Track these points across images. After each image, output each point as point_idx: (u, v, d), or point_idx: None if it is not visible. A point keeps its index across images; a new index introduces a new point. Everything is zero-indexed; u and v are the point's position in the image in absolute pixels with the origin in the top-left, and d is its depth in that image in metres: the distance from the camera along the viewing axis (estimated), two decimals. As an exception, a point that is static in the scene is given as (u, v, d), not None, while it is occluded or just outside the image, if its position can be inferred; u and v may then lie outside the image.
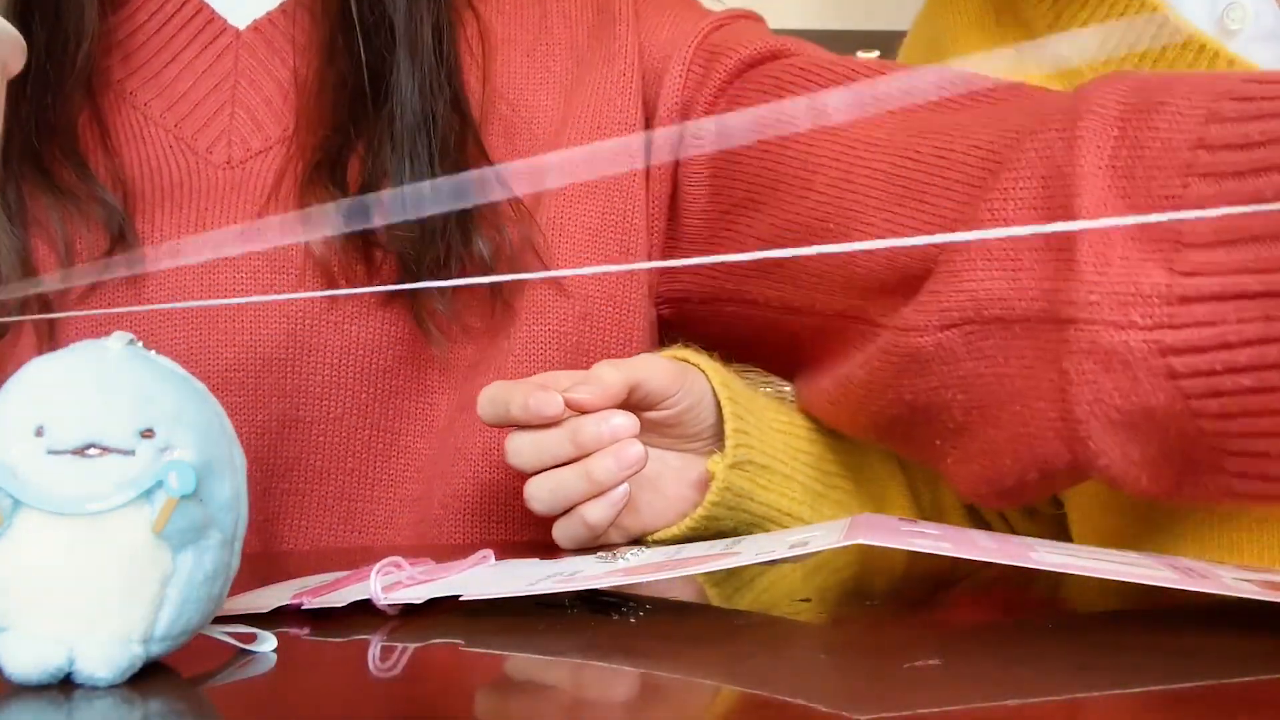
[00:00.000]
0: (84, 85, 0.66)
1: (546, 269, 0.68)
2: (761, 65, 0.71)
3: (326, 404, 0.65)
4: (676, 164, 0.72)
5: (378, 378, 0.66)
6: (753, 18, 0.76)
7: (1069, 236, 0.48)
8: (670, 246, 0.73)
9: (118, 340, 0.35)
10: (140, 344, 0.35)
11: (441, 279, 0.65)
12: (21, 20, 0.63)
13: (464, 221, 0.66)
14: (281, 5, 0.71)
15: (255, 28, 0.71)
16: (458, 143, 0.68)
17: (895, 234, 0.59)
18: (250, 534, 0.36)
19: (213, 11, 0.71)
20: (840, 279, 0.63)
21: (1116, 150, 0.48)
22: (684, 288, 0.73)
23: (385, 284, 0.65)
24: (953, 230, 0.55)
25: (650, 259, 0.72)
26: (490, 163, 0.69)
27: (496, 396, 0.60)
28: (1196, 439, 0.46)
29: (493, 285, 0.67)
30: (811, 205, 0.64)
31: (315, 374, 0.65)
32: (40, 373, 0.34)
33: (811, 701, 0.30)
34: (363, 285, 0.65)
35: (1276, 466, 0.45)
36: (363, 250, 0.65)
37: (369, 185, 0.65)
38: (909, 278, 0.57)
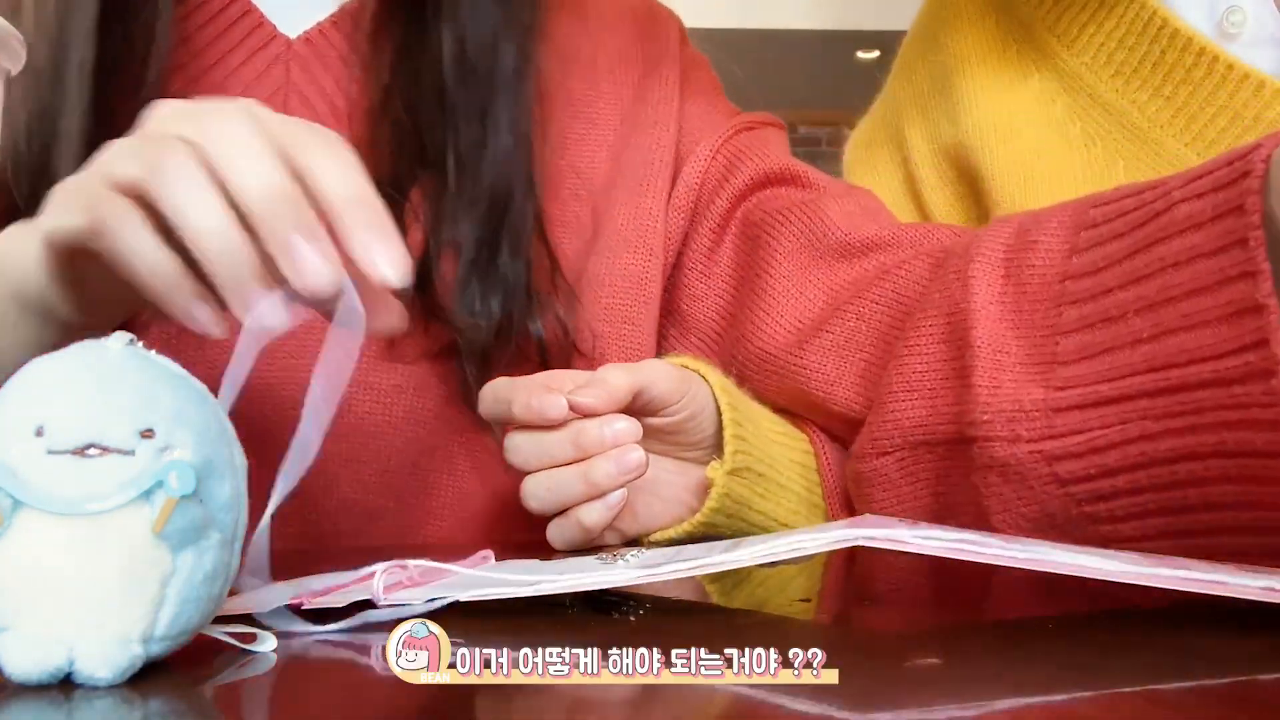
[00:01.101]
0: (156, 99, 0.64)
1: (585, 345, 0.69)
2: (775, 187, 0.75)
3: (377, 443, 0.65)
4: (685, 239, 0.76)
5: (424, 420, 0.66)
6: (776, 125, 0.81)
7: (967, 363, 0.54)
8: (682, 329, 0.76)
9: (118, 340, 0.35)
10: (140, 344, 0.35)
11: (494, 359, 0.64)
12: (98, 33, 0.61)
13: (526, 305, 0.66)
14: (332, 17, 0.69)
15: (306, 39, 0.69)
16: (527, 227, 0.67)
17: (850, 370, 0.66)
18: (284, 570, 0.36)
19: (262, 16, 0.68)
20: (815, 408, 0.69)
21: (1004, 288, 0.54)
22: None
23: (439, 349, 0.65)
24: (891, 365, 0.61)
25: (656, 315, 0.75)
26: (548, 244, 0.68)
27: (499, 394, 0.59)
28: (1102, 543, 0.48)
29: (541, 360, 0.67)
30: (774, 336, 0.70)
31: (369, 414, 0.65)
32: (40, 373, 0.34)
33: (812, 701, 0.30)
34: (418, 347, 0.64)
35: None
36: (423, 317, 0.64)
37: (430, 255, 0.64)
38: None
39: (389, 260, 0.40)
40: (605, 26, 0.77)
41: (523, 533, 0.64)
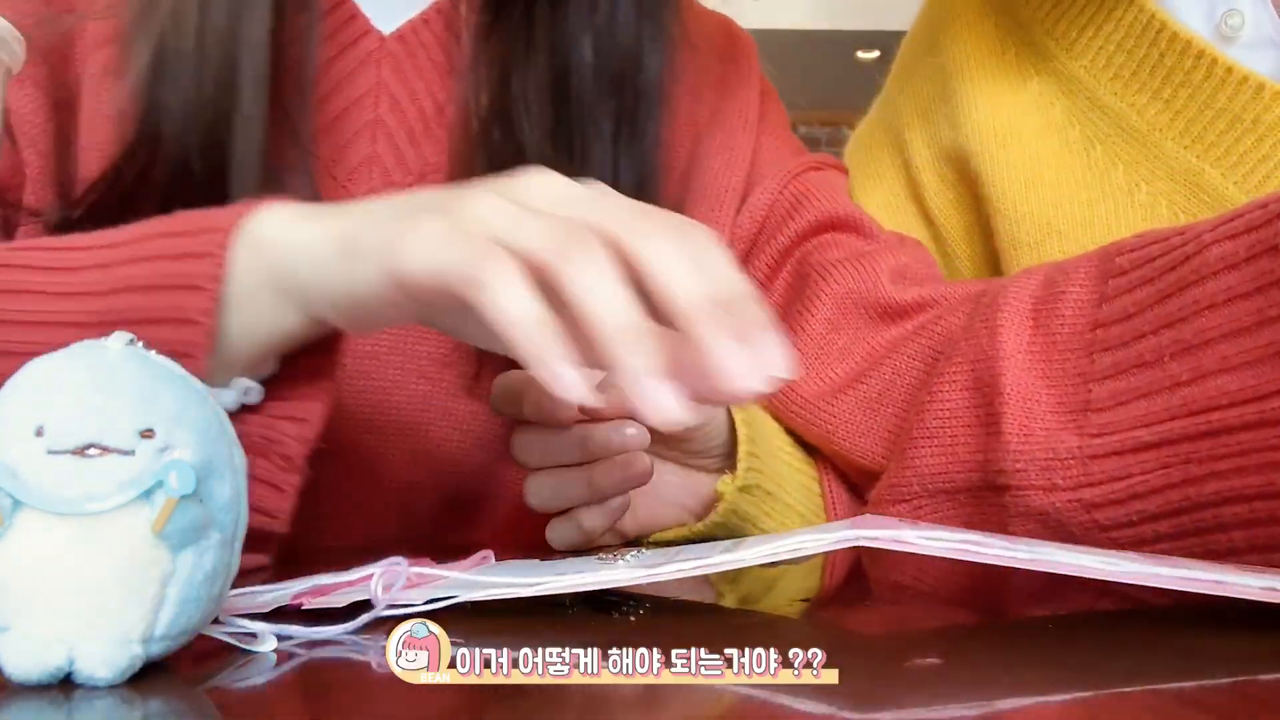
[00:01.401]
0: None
1: None
2: (836, 232, 0.74)
3: (451, 477, 0.64)
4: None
5: (493, 445, 0.65)
6: (840, 168, 0.80)
7: (996, 410, 0.53)
8: None
9: (117, 340, 0.35)
10: (140, 344, 0.35)
11: None
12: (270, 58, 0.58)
13: None
14: (424, 14, 0.67)
15: (399, 36, 0.66)
16: None
17: (879, 424, 0.66)
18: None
19: (355, 8, 0.65)
20: (836, 455, 0.68)
21: (1033, 337, 0.54)
22: None
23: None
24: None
25: None
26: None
27: (511, 389, 0.59)
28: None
29: None
30: (803, 382, 0.69)
31: (446, 440, 0.64)
32: (40, 373, 0.34)
33: (812, 701, 0.30)
34: (493, 369, 0.61)
35: None
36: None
37: None
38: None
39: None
40: (686, 44, 0.76)
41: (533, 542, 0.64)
